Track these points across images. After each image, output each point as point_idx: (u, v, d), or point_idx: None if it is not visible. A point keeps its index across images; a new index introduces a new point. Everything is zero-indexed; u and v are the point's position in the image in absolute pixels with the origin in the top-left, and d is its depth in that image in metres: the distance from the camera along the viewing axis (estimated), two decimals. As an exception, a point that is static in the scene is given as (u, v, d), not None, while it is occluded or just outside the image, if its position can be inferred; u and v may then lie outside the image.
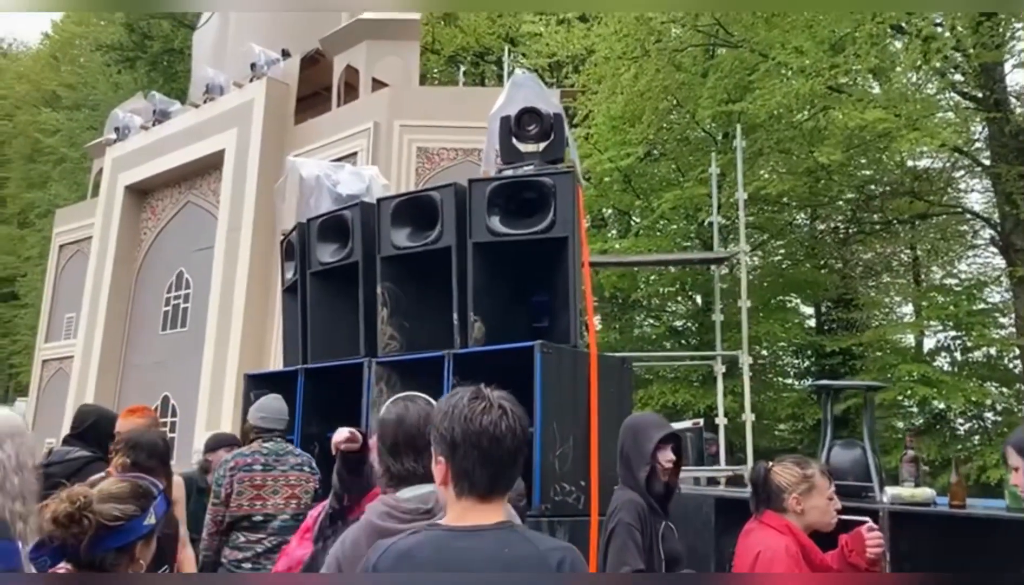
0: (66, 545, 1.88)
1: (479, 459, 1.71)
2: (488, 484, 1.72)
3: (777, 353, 20.00)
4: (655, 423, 3.28)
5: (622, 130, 16.35)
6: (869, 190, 17.54)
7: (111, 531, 1.93)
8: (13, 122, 33.44)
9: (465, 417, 1.71)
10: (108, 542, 1.93)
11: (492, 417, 1.71)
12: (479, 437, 1.70)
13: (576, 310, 4.48)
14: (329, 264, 5.45)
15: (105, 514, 1.92)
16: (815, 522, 2.97)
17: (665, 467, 3.20)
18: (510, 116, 4.79)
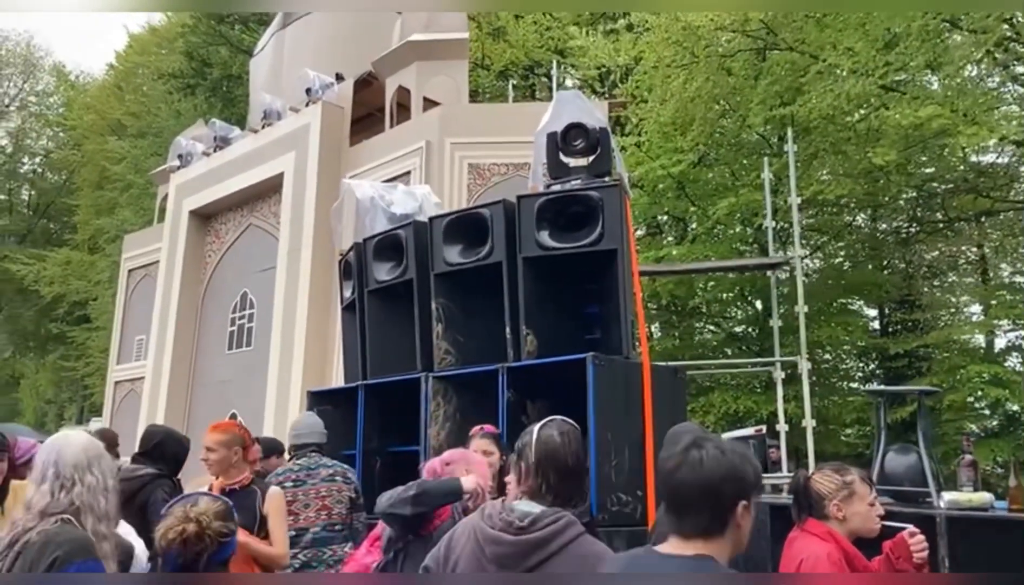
0: (187, 562, 2.07)
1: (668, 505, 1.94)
2: (676, 524, 1.91)
3: (840, 356, 19.61)
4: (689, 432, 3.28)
5: (673, 137, 16.29)
6: (931, 188, 17.15)
7: (222, 545, 2.14)
8: (81, 151, 34.62)
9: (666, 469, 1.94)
10: (220, 555, 2.14)
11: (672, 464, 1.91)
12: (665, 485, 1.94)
13: (627, 321, 4.53)
14: (385, 282, 5.59)
15: (219, 531, 2.12)
16: (858, 528, 2.96)
17: None
18: (556, 132, 4.89)
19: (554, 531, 2.21)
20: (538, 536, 2.20)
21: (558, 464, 2.31)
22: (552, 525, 2.22)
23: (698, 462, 1.88)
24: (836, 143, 15.17)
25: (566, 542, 2.20)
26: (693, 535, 1.87)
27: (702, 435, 2.02)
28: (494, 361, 4.67)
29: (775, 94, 14.69)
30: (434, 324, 5.09)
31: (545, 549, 2.19)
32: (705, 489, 1.87)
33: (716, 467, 1.88)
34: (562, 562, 2.18)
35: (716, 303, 19.85)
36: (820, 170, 15.82)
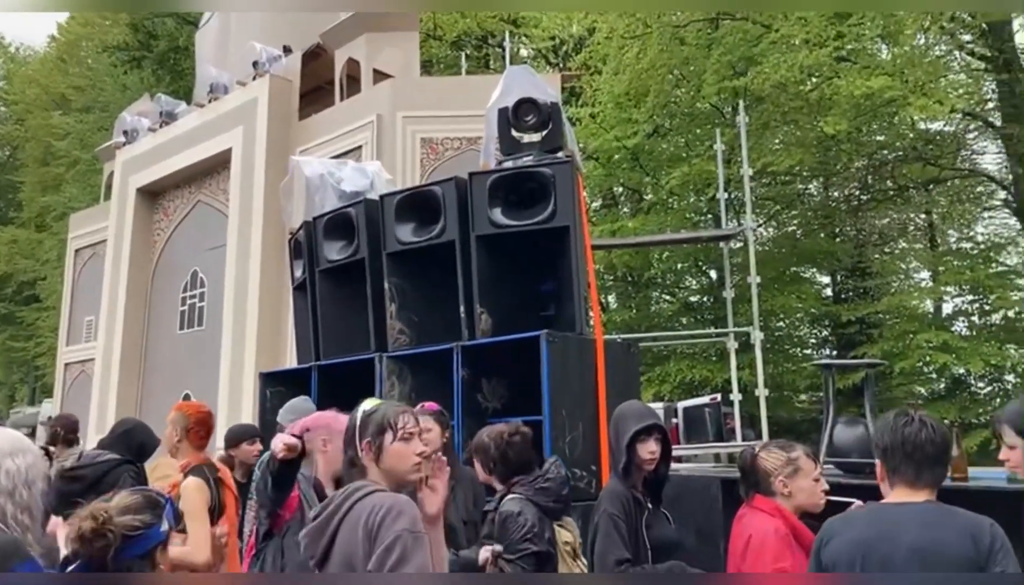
0: (92, 560, 2.00)
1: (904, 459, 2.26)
2: (912, 478, 2.25)
3: (794, 324, 19.92)
4: (634, 414, 3.27)
5: (627, 108, 16.30)
6: (881, 157, 17.39)
7: (132, 540, 2.05)
8: (25, 126, 33.66)
9: (892, 429, 2.29)
10: (131, 551, 2.05)
11: (913, 428, 2.26)
12: (904, 444, 2.26)
13: (581, 298, 4.52)
14: (336, 261, 5.51)
15: (125, 525, 2.05)
16: (803, 503, 3.01)
17: (646, 459, 3.20)
18: (508, 107, 4.83)
19: (337, 504, 2.26)
20: (325, 513, 2.27)
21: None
22: (335, 500, 2.27)
23: (931, 426, 2.26)
24: (788, 113, 15.29)
25: (349, 506, 2.23)
26: (927, 487, 2.24)
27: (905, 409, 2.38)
28: (448, 340, 4.63)
29: (728, 64, 14.73)
30: (387, 304, 5.03)
31: (330, 525, 2.24)
32: (946, 448, 2.27)
33: (944, 431, 2.28)
34: (344, 528, 2.21)
35: (671, 273, 20.02)
36: (772, 140, 15.94)
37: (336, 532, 2.23)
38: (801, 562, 2.84)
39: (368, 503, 2.24)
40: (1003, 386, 16.87)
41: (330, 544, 2.24)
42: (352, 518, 2.22)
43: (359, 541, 2.17)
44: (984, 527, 2.11)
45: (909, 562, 2.11)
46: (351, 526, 2.21)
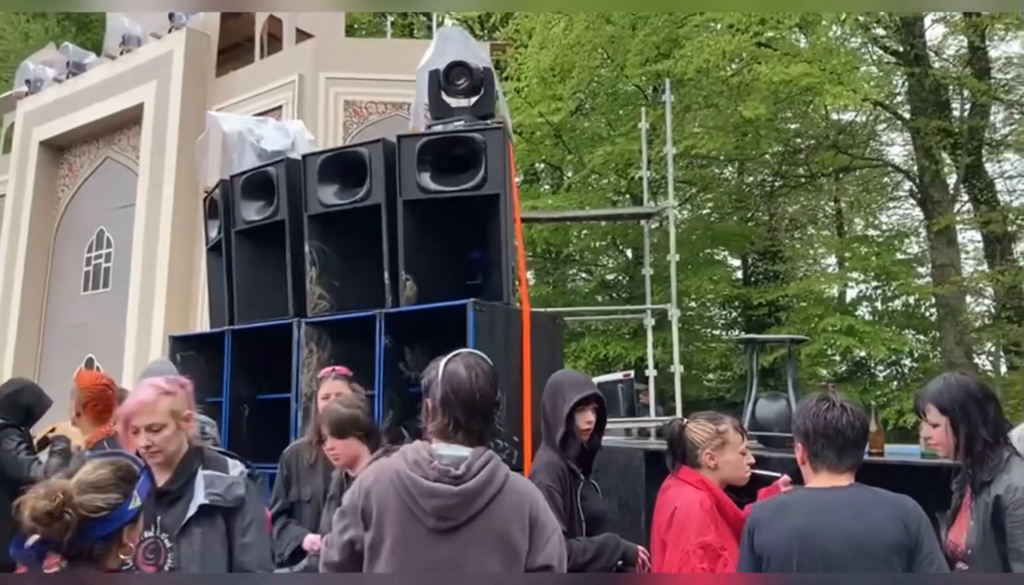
0: (50, 540, 1.82)
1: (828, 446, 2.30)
2: (834, 462, 2.30)
3: (705, 305, 20.37)
4: (572, 384, 3.24)
5: (552, 84, 16.27)
6: (795, 144, 17.84)
7: (95, 522, 1.87)
8: (-85, 73, 31.69)
9: (814, 414, 2.34)
10: (94, 532, 1.87)
11: (835, 413, 2.31)
12: (825, 428, 2.30)
13: (509, 267, 4.47)
14: (254, 222, 5.33)
15: (87, 506, 1.86)
16: (729, 476, 3.05)
17: (583, 429, 3.19)
18: (439, 70, 4.72)
19: (489, 473, 2.15)
20: (476, 483, 2.14)
21: (465, 400, 2.21)
22: (485, 468, 2.16)
23: (851, 411, 2.31)
24: (709, 96, 15.51)
25: (501, 483, 2.17)
26: (848, 470, 2.29)
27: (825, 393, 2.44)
28: (371, 307, 4.53)
29: (652, 45, 14.83)
30: (307, 268, 4.89)
31: (485, 494, 2.14)
32: (864, 432, 2.34)
33: (863, 414, 2.35)
34: (501, 504, 2.15)
35: (589, 251, 20.19)
36: (693, 123, 16.16)
37: (487, 505, 2.13)
38: (724, 535, 2.88)
39: (521, 485, 2.26)
40: (901, 369, 17.65)
41: (474, 516, 2.13)
42: (510, 498, 2.17)
43: (519, 526, 2.15)
44: (912, 511, 2.19)
45: (847, 549, 2.15)
46: (510, 506, 2.16)
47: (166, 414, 2.65)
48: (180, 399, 2.72)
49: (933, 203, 14.92)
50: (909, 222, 18.58)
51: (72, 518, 1.82)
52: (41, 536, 1.81)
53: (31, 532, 1.82)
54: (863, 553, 2.13)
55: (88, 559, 1.87)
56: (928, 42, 16.16)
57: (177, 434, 2.68)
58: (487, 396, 2.23)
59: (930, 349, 17.01)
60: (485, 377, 2.25)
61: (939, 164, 14.81)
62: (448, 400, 2.21)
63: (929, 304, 16.78)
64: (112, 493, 1.92)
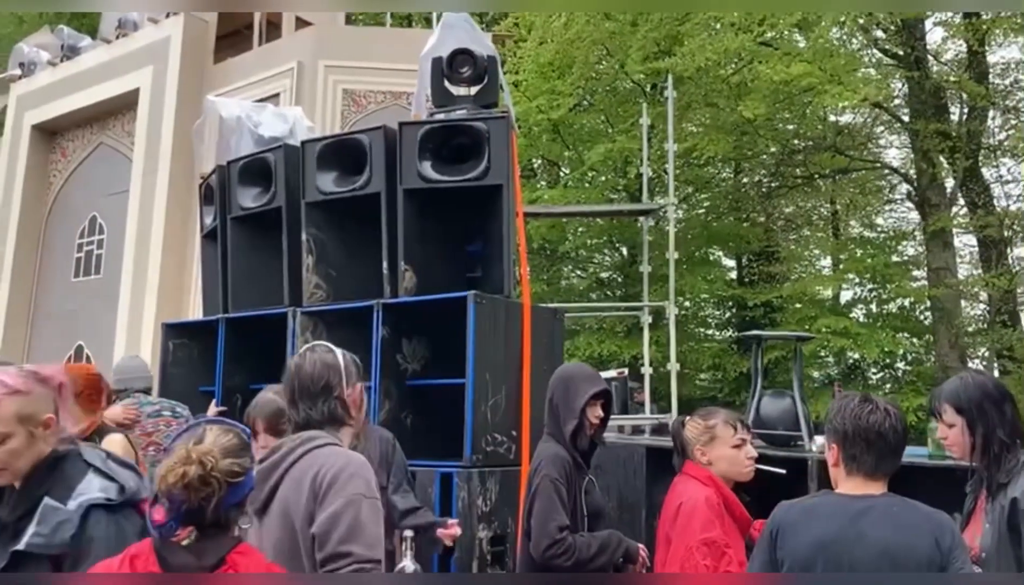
0: (193, 508, 1.81)
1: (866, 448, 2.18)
2: (871, 467, 2.17)
3: (700, 305, 20.32)
4: (587, 377, 3.21)
5: (552, 79, 16.20)
6: (792, 145, 17.80)
7: (233, 487, 1.86)
8: (-93, 55, 31.46)
9: (855, 415, 2.20)
10: (230, 498, 1.86)
11: (878, 416, 2.18)
12: (867, 432, 2.17)
13: (510, 260, 4.41)
14: (251, 209, 5.25)
15: (228, 470, 1.85)
16: (726, 471, 2.99)
17: (593, 423, 3.16)
18: (442, 57, 4.64)
19: (281, 455, 2.20)
20: (267, 464, 2.19)
21: (292, 391, 2.33)
22: (283, 449, 2.22)
23: (894, 415, 2.19)
24: (708, 95, 15.46)
25: (295, 459, 2.18)
26: (882, 476, 2.18)
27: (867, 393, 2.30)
28: (369, 297, 4.45)
29: (653, 41, 14.76)
30: (304, 256, 4.81)
31: (274, 475, 2.18)
32: (904, 438, 2.22)
33: (904, 419, 2.22)
34: (288, 482, 2.16)
35: (584, 249, 20.12)
36: (691, 122, 16.11)
37: (280, 482, 2.12)
38: (730, 532, 2.82)
39: (319, 457, 2.14)
40: (894, 373, 17.64)
41: (271, 494, 2.12)
42: (298, 470, 2.12)
43: (303, 498, 2.08)
44: (946, 527, 2.10)
45: (876, 561, 2.06)
46: (296, 479, 2.12)
47: (11, 421, 2.03)
48: (36, 399, 2.10)
49: (930, 206, 14.89)
50: (905, 225, 18.58)
51: (217, 483, 1.81)
52: (187, 505, 1.80)
53: (169, 502, 1.80)
54: (893, 567, 2.05)
55: (221, 526, 1.87)
56: (928, 45, 16.14)
57: (30, 445, 2.05)
58: (314, 380, 2.31)
59: (924, 352, 17.01)
60: (319, 364, 2.33)
61: (936, 167, 14.78)
62: (287, 390, 2.36)
63: (924, 307, 16.77)
64: (243, 458, 1.92)
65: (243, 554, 1.87)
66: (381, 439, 3.48)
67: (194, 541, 1.85)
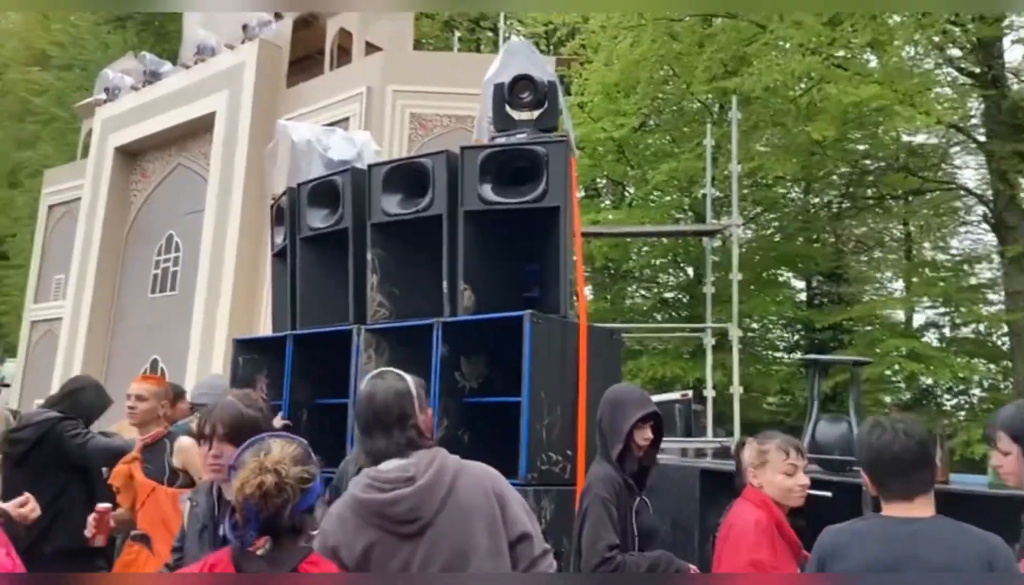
0: (269, 516, 1.91)
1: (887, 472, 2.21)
2: (903, 487, 2.18)
3: (767, 327, 20.04)
4: (634, 400, 3.24)
5: (617, 100, 16.25)
6: (864, 165, 17.50)
7: (304, 494, 1.97)
8: (2, 81, 32.97)
9: (868, 443, 2.24)
10: (302, 505, 1.97)
11: (886, 439, 2.20)
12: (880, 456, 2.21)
13: (566, 280, 4.46)
14: (319, 230, 5.40)
15: (298, 477, 1.96)
16: (774, 496, 2.98)
17: (641, 445, 3.18)
18: (504, 83, 4.74)
19: (439, 466, 2.21)
20: (430, 476, 2.19)
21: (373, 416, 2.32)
22: (433, 462, 2.22)
23: (905, 432, 2.19)
24: (776, 115, 15.32)
25: (457, 469, 2.23)
26: (921, 496, 2.17)
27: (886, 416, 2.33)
28: (429, 315, 4.55)
29: (720, 62, 14.72)
30: (368, 275, 4.94)
31: (443, 484, 2.19)
32: (924, 452, 2.20)
33: (920, 433, 2.21)
34: (463, 487, 2.20)
35: (648, 268, 20.05)
36: (758, 142, 15.98)
37: (450, 493, 2.18)
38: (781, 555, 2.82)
39: (474, 469, 2.28)
40: (969, 399, 17.10)
41: (442, 504, 2.18)
42: (467, 479, 2.23)
43: (485, 498, 2.20)
44: (1000, 551, 2.09)
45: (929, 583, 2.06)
46: (470, 487, 2.21)
47: None
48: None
49: (1007, 228, 14.48)
50: (981, 247, 18.04)
51: (291, 490, 1.92)
52: (264, 513, 1.90)
53: (245, 510, 1.91)
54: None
55: (296, 531, 1.97)
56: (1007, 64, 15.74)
57: None
58: (388, 409, 2.30)
59: (1001, 379, 16.47)
60: (392, 392, 2.33)
61: (1015, 188, 14.38)
62: (360, 420, 2.36)
63: (1001, 332, 16.25)
64: (310, 465, 2.04)
65: (314, 564, 1.96)
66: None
67: (269, 550, 1.94)
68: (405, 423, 2.30)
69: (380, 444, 2.29)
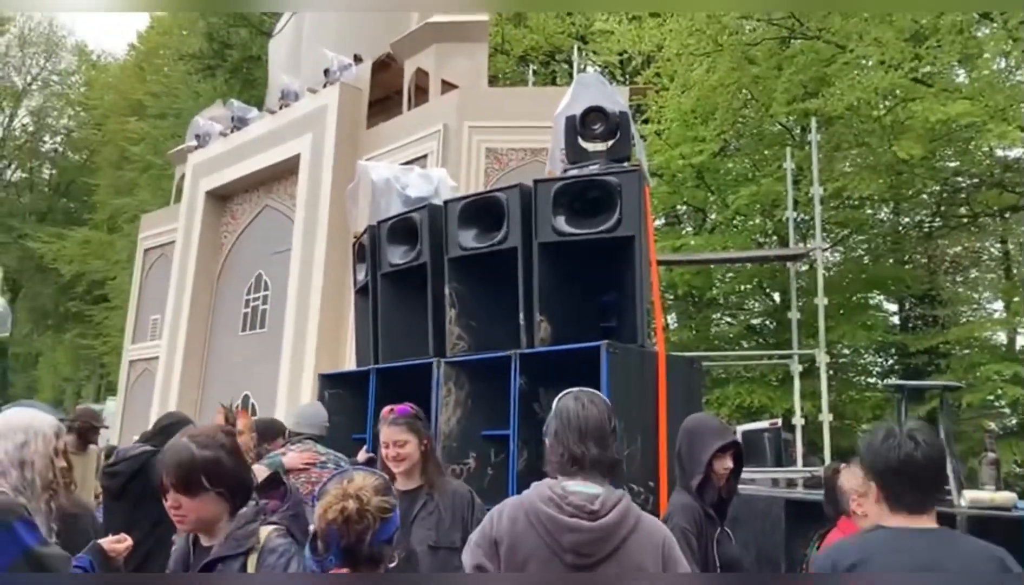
0: (350, 545, 1.97)
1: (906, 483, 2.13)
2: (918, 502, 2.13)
3: (859, 352, 19.41)
4: (713, 430, 3.20)
5: (694, 126, 16.14)
6: (955, 182, 16.91)
7: (383, 524, 2.02)
8: (102, 131, 34.73)
9: (887, 450, 2.15)
10: (381, 535, 2.02)
11: (908, 448, 2.12)
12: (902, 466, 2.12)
13: (643, 309, 4.43)
14: (399, 266, 5.50)
15: (379, 507, 2.01)
16: None
17: (721, 475, 3.13)
18: (575, 115, 4.78)
19: (624, 509, 2.18)
20: (612, 519, 2.15)
21: (576, 430, 2.26)
22: (619, 504, 2.18)
23: (926, 443, 2.12)
24: (859, 135, 14.97)
25: (636, 519, 2.19)
26: (924, 509, 2.11)
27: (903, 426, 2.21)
28: (507, 347, 4.58)
29: (799, 84, 14.48)
30: (447, 309, 5.00)
31: (621, 530, 2.16)
32: (942, 467, 2.16)
33: (940, 446, 2.15)
34: (637, 539, 2.16)
35: (733, 295, 19.72)
36: (842, 162, 15.62)
37: (623, 543, 2.16)
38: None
39: (653, 524, 2.26)
40: (1080, 424, 16.22)
41: (611, 554, 2.15)
42: (644, 534, 2.19)
43: (653, 561, 2.17)
44: (1009, 559, 2.05)
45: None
46: (645, 541, 2.18)
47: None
48: None
49: (1113, 244, 13.77)
50: (1086, 264, 17.19)
51: (372, 518, 1.97)
52: (345, 541, 1.96)
53: (326, 537, 1.97)
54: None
55: (374, 561, 2.01)
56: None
57: None
58: (598, 424, 2.26)
59: (1114, 403, 15.57)
60: (595, 407, 2.30)
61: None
62: (559, 432, 2.28)
63: (1113, 353, 15.42)
64: (390, 496, 2.07)
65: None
66: (456, 495, 3.36)
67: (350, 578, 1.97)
68: (603, 441, 2.29)
69: (593, 452, 2.25)
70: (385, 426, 3.38)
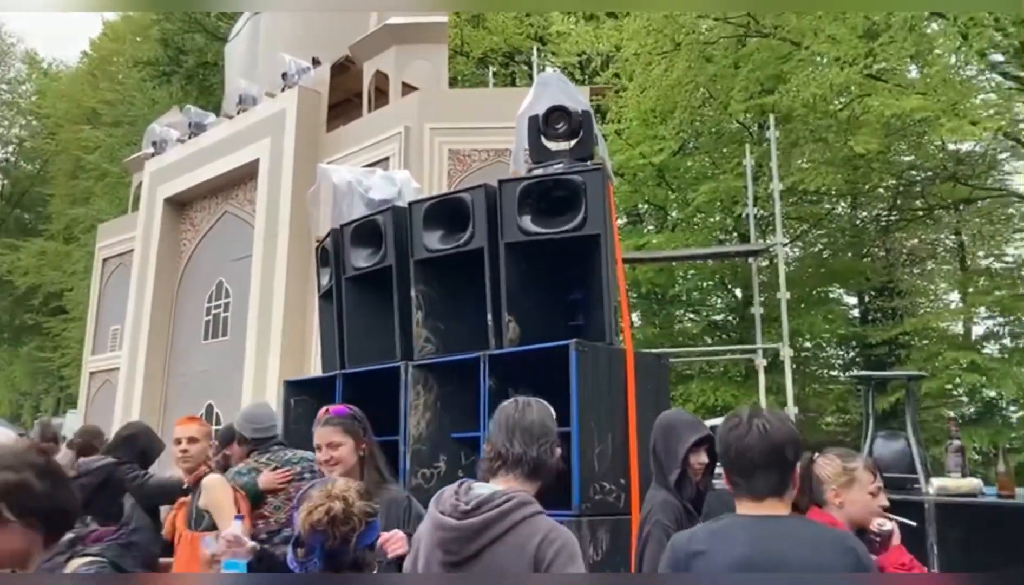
0: (334, 548, 1.95)
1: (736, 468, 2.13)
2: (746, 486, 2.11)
3: (821, 345, 19.69)
4: (687, 424, 3.22)
5: (654, 125, 16.25)
6: (910, 176, 17.22)
7: (367, 527, 2.02)
8: (56, 140, 34.08)
9: (722, 435, 2.16)
10: (365, 539, 2.02)
11: (739, 432, 2.10)
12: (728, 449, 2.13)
13: (611, 307, 4.44)
14: (363, 269, 5.46)
15: (363, 510, 2.02)
16: (855, 516, 2.90)
17: (697, 470, 3.15)
18: (538, 115, 4.77)
19: (500, 513, 2.11)
20: (481, 519, 2.10)
21: (506, 432, 2.25)
22: (499, 507, 2.11)
23: (763, 429, 2.07)
24: (816, 131, 15.18)
25: (513, 524, 2.11)
26: (765, 495, 2.07)
27: (756, 409, 2.18)
28: (475, 349, 4.56)
29: (756, 81, 14.65)
30: (414, 312, 4.97)
31: (487, 533, 2.10)
32: (774, 452, 2.07)
33: (781, 433, 2.08)
34: (506, 546, 2.10)
35: (696, 291, 19.88)
36: (800, 158, 15.83)
37: (491, 544, 2.10)
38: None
39: (537, 528, 2.13)
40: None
41: (477, 554, 2.10)
42: (518, 539, 2.10)
43: (517, 567, 2.08)
44: (859, 548, 2.04)
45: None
46: (514, 548, 2.10)
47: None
48: None
49: (1064, 233, 14.10)
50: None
51: (359, 521, 1.96)
52: (329, 544, 1.93)
53: (311, 540, 1.94)
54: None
55: (358, 566, 2.00)
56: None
57: None
58: (528, 425, 2.25)
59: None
60: (533, 411, 2.30)
61: (1068, 192, 14.02)
62: (493, 433, 2.28)
63: (1068, 340, 15.79)
64: (373, 502, 2.09)
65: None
66: (392, 503, 2.98)
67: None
68: (539, 444, 2.25)
69: (517, 450, 2.22)
70: (319, 427, 3.15)
